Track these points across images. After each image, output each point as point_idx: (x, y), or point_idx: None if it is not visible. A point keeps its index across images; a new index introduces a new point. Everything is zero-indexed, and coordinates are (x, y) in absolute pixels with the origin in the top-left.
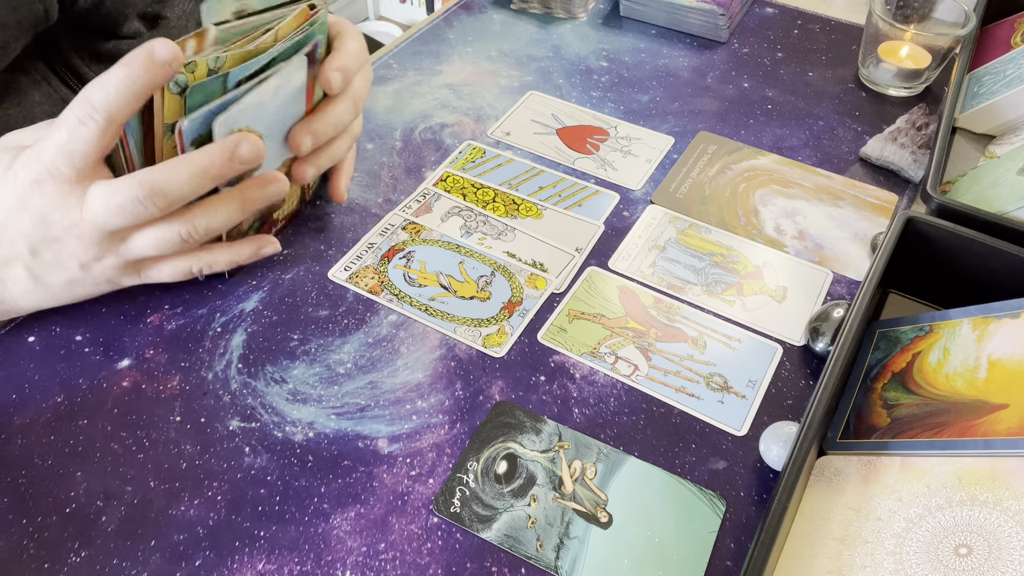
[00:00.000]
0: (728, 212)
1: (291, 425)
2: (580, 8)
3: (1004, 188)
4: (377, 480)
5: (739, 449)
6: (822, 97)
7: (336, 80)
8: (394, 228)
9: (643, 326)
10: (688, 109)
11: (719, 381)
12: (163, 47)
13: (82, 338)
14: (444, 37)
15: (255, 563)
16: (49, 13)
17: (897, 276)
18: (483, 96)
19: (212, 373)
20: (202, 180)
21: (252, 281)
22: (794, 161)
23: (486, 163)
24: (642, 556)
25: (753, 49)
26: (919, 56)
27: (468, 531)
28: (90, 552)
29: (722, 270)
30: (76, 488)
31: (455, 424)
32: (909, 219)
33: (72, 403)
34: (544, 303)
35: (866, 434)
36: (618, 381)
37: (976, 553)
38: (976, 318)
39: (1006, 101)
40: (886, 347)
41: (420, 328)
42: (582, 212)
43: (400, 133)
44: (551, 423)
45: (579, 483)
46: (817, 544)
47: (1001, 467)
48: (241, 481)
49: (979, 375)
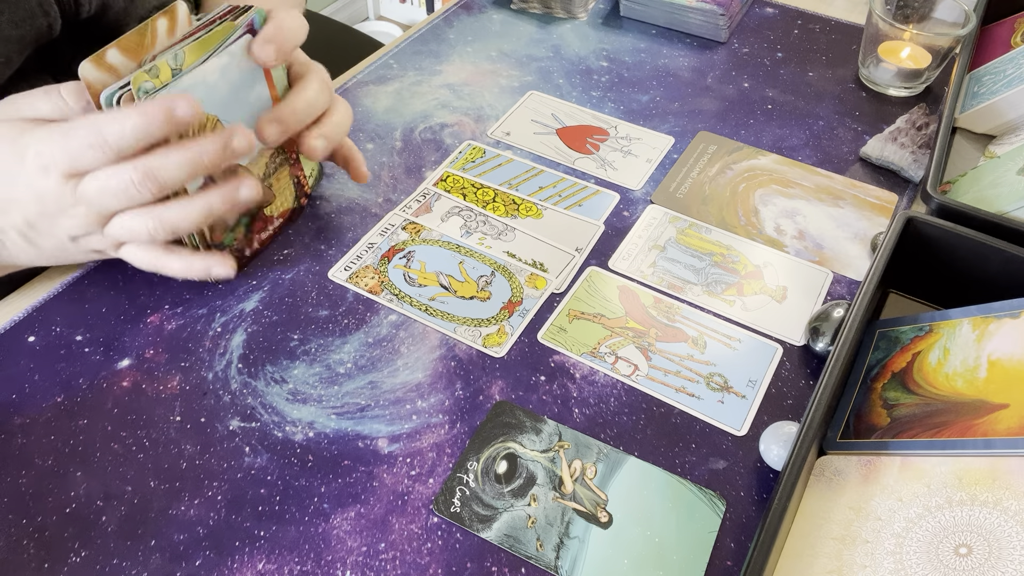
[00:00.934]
0: (728, 212)
1: (291, 425)
2: (580, 8)
3: (1004, 188)
4: (377, 480)
5: (739, 449)
6: (822, 97)
7: (266, 52)
8: (394, 228)
9: (643, 326)
10: (688, 109)
11: (719, 381)
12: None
13: (82, 338)
14: (444, 37)
15: (255, 563)
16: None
17: (897, 276)
18: (483, 96)
19: (212, 373)
20: (195, 167)
21: (252, 281)
22: (794, 161)
23: (486, 163)
24: (642, 556)
25: (753, 49)
26: (919, 56)
27: (468, 531)
28: (90, 552)
29: (722, 270)
30: (76, 488)
31: (455, 424)
32: (909, 219)
33: (72, 403)
34: (544, 303)
35: (866, 434)
36: (618, 381)
37: (976, 553)
38: (976, 318)
39: (1006, 101)
40: (886, 347)
41: (420, 328)
42: (582, 212)
43: (400, 133)
44: (551, 423)
45: (579, 483)
46: (817, 544)
47: (1001, 467)
48: (241, 481)
49: (979, 375)
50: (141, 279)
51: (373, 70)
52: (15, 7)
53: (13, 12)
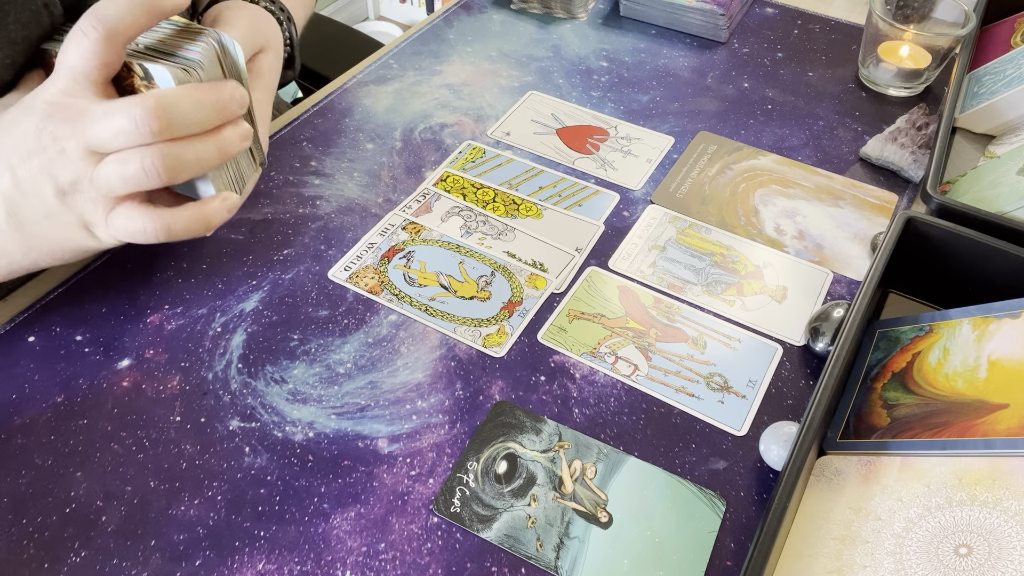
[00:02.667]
0: (728, 212)
1: (291, 425)
2: (580, 8)
3: (1004, 188)
4: (377, 480)
5: (739, 449)
6: (822, 97)
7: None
8: (394, 228)
9: (643, 326)
10: (688, 109)
11: (719, 381)
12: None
13: (82, 338)
14: (444, 37)
15: (255, 563)
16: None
17: (897, 276)
18: (483, 96)
19: (212, 373)
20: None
21: (252, 281)
22: (794, 161)
23: (486, 163)
24: (642, 556)
25: (753, 49)
26: (919, 56)
27: (468, 531)
28: (90, 552)
29: (722, 270)
30: (76, 488)
31: (455, 424)
32: (909, 219)
33: (72, 403)
34: (544, 303)
35: (866, 434)
36: (618, 381)
37: (976, 553)
38: (976, 318)
39: (1006, 101)
40: (886, 347)
41: (420, 328)
42: (582, 212)
43: (400, 133)
44: (551, 423)
45: (579, 483)
46: (817, 544)
47: (1001, 467)
48: (241, 481)
49: (979, 375)
50: (141, 279)
51: (373, 70)
52: (21, 8)
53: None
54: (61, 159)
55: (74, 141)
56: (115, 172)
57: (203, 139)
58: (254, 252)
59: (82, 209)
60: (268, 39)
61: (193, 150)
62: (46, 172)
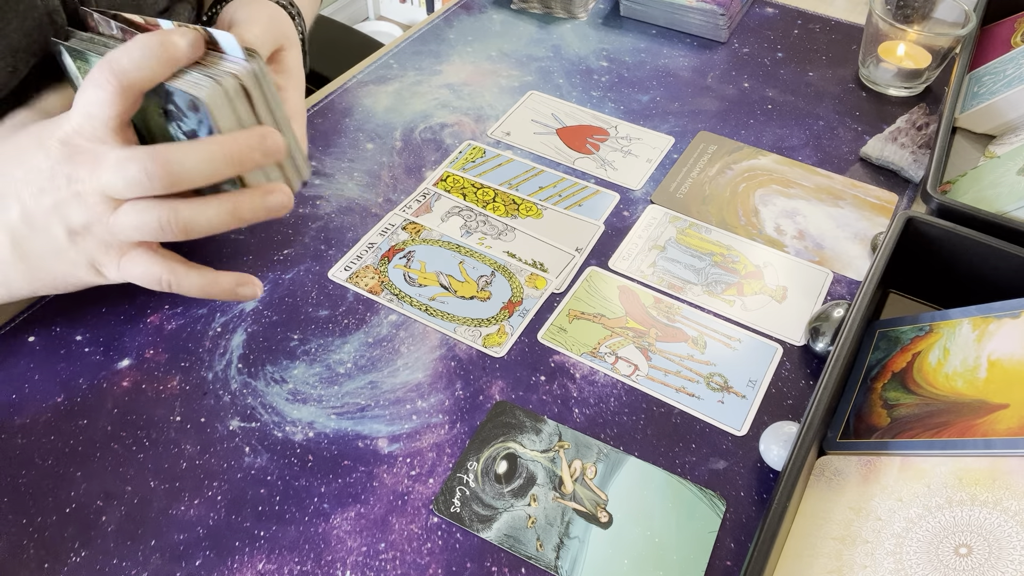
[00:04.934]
0: (728, 212)
1: (291, 425)
2: (580, 8)
3: (1004, 188)
4: (377, 480)
5: (739, 449)
6: (822, 97)
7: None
8: (394, 228)
9: (643, 326)
10: (688, 109)
11: (719, 381)
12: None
13: (82, 338)
14: (444, 37)
15: (255, 563)
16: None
17: (897, 276)
18: (483, 96)
19: (212, 373)
20: (216, 164)
21: None
22: (794, 161)
23: (486, 163)
24: (642, 556)
25: (753, 49)
26: (919, 56)
27: (468, 531)
28: (90, 552)
29: (722, 270)
30: (76, 488)
31: (455, 424)
32: (909, 219)
33: (72, 403)
34: (544, 303)
35: (866, 434)
36: (618, 381)
37: (976, 553)
38: (976, 318)
39: (1006, 101)
40: (886, 347)
41: (420, 328)
42: (582, 212)
43: (400, 133)
44: (551, 423)
45: (579, 483)
46: (817, 544)
47: (1001, 467)
48: (241, 481)
49: (979, 375)
50: None
51: (373, 70)
52: (24, 17)
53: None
54: (76, 201)
55: (89, 185)
56: (132, 222)
57: (218, 202)
58: (254, 252)
59: (93, 251)
60: (287, 35)
61: (205, 216)
62: (58, 212)
